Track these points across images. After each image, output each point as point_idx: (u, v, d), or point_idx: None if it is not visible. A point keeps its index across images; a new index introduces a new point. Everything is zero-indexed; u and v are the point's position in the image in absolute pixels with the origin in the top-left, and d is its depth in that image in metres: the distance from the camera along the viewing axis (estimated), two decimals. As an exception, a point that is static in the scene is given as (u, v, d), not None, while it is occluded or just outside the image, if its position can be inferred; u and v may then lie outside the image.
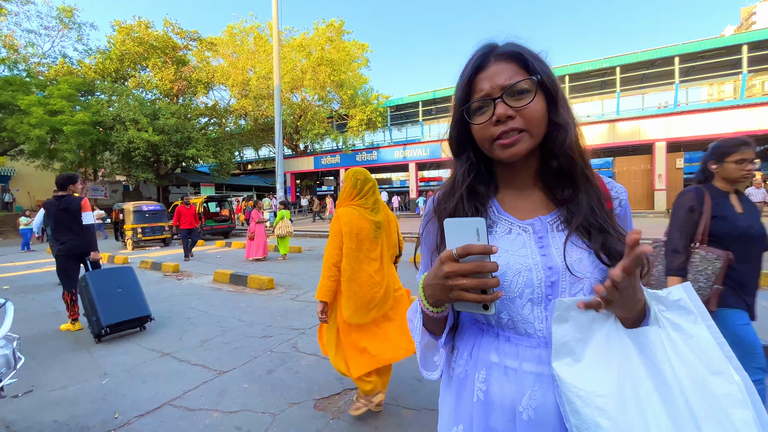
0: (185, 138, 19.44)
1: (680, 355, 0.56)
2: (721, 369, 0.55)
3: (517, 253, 0.67)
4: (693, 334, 0.57)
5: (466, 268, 0.55)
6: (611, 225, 0.66)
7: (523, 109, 0.64)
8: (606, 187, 0.72)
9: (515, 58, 0.67)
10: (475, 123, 0.67)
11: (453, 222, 0.58)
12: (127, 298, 3.89)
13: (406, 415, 2.29)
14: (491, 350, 0.69)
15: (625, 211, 0.72)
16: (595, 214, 0.66)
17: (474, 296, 0.56)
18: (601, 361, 0.58)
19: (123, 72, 21.96)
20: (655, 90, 20.17)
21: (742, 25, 50.84)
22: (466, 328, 0.75)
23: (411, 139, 24.64)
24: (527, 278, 0.65)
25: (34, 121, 15.75)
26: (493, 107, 0.64)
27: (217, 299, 5.28)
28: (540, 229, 0.69)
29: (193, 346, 3.51)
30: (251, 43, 22.30)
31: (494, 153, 0.67)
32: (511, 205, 0.73)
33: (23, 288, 6.40)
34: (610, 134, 17.56)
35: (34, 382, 2.84)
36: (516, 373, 0.66)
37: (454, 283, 0.56)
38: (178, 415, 2.34)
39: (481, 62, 0.68)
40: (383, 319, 2.22)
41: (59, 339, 3.80)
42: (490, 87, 0.65)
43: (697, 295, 0.61)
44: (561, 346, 0.60)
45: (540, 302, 0.65)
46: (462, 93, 0.69)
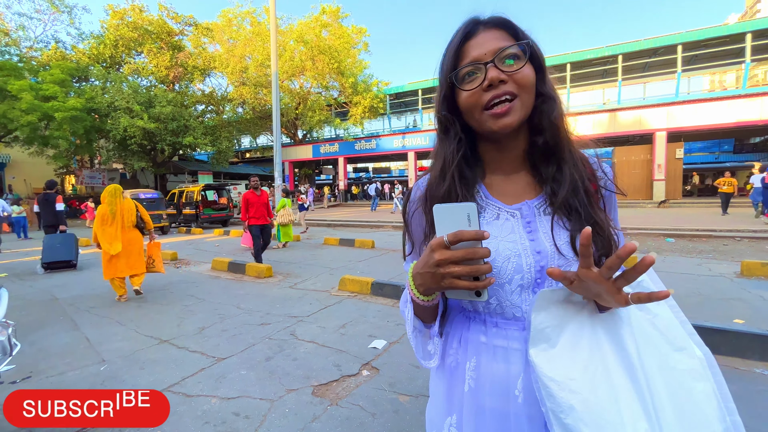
0: (182, 126, 19.21)
1: (645, 334, 0.59)
2: (683, 345, 0.60)
3: (506, 239, 0.66)
4: (657, 313, 0.62)
5: (458, 254, 0.53)
6: (591, 206, 0.65)
7: (515, 74, 0.62)
8: (591, 168, 0.71)
9: (504, 27, 0.65)
10: (465, 89, 0.64)
11: (443, 208, 0.55)
12: (62, 250, 6.61)
13: (403, 401, 2.30)
14: (479, 335, 0.68)
15: (611, 180, 0.71)
16: (577, 193, 0.65)
17: (467, 283, 0.54)
18: (574, 346, 0.59)
19: (118, 58, 21.57)
20: (657, 79, 19.97)
21: (746, 13, 50.11)
22: (454, 316, 0.74)
23: (410, 128, 24.47)
24: (517, 264, 0.64)
25: (24, 107, 15.50)
26: (485, 72, 0.62)
27: (215, 287, 5.28)
28: (528, 214, 0.68)
29: (191, 333, 3.52)
30: (248, 29, 21.90)
31: (485, 124, 0.64)
32: (498, 189, 0.71)
33: (20, 275, 6.39)
34: (610, 123, 17.44)
35: (33, 368, 2.85)
36: (506, 351, 0.65)
37: (445, 271, 0.54)
38: (176, 401, 2.34)
39: (470, 30, 0.66)
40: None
41: (57, 325, 3.80)
42: (481, 52, 0.63)
43: (657, 276, 0.64)
44: (538, 333, 0.60)
45: (529, 287, 0.65)
46: (450, 61, 0.66)
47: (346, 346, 3.12)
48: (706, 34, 15.99)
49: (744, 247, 7.07)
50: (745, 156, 23.07)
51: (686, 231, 8.50)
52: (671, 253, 6.67)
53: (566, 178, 0.66)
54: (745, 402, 2.18)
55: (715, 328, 2.80)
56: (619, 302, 0.52)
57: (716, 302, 3.87)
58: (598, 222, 0.63)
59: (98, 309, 4.33)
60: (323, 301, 4.41)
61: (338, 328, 3.53)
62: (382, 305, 4.21)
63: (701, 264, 5.62)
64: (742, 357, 2.67)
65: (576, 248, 0.62)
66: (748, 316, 3.42)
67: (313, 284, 5.21)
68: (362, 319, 3.76)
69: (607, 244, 0.63)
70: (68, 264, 6.66)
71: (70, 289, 5.28)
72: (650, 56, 17.95)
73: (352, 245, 8.43)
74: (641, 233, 8.71)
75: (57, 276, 6.23)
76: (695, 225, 9.11)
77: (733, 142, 24.03)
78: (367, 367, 2.75)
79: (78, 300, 4.73)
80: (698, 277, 4.83)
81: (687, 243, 7.64)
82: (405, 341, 3.18)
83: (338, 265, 6.43)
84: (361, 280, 4.73)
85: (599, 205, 0.68)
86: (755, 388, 2.33)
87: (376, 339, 3.22)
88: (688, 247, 7.14)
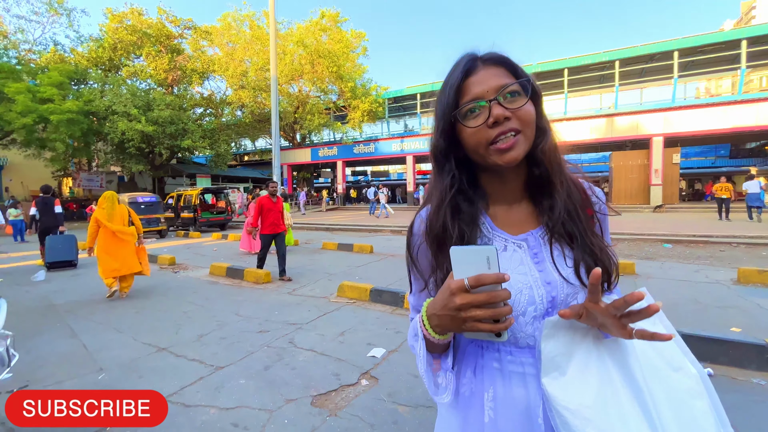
0: (180, 129, 19.20)
1: (648, 357, 0.62)
2: (680, 365, 0.63)
3: (516, 271, 0.67)
4: None
5: (480, 298, 0.53)
6: (587, 234, 0.67)
7: (518, 110, 0.63)
8: (587, 193, 0.73)
9: (502, 64, 0.67)
10: (469, 126, 0.65)
11: (461, 250, 0.55)
12: (63, 251, 7.22)
13: (402, 412, 2.30)
14: (493, 362, 0.69)
15: (603, 203, 0.74)
16: (575, 221, 0.67)
17: (489, 326, 0.55)
18: (583, 372, 0.60)
19: (116, 61, 21.58)
20: (654, 84, 20.12)
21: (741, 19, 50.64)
22: (466, 346, 0.74)
23: (409, 132, 24.53)
24: (530, 296, 0.65)
25: (20, 109, 15.47)
26: (489, 110, 0.63)
27: (213, 293, 5.27)
28: (534, 245, 0.69)
29: (189, 340, 3.51)
30: (247, 33, 21.96)
31: (490, 158, 0.65)
32: (502, 220, 0.72)
33: (17, 280, 6.36)
34: (608, 128, 17.56)
35: (30, 377, 2.83)
36: (522, 377, 0.66)
37: (467, 315, 0.54)
38: (175, 411, 2.34)
39: (470, 66, 0.67)
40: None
41: (54, 332, 3.78)
42: (483, 89, 0.64)
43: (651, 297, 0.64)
44: (549, 362, 0.61)
45: (541, 316, 0.66)
46: (451, 98, 0.66)
47: (345, 354, 3.12)
48: (702, 40, 16.17)
49: (740, 253, 7.11)
50: (742, 161, 23.25)
51: (683, 237, 8.55)
52: (669, 258, 6.70)
53: (563, 207, 0.68)
54: (743, 412, 2.19)
55: (713, 337, 2.81)
56: (623, 335, 0.55)
57: (713, 310, 3.89)
58: (596, 249, 0.66)
59: (95, 315, 4.31)
60: (322, 307, 4.41)
61: (337, 336, 3.52)
62: (380, 312, 4.21)
63: (698, 270, 5.65)
64: (740, 367, 2.68)
65: (580, 275, 0.65)
66: (744, 324, 3.44)
67: (311, 290, 5.21)
68: (361, 327, 3.76)
69: (605, 268, 0.66)
70: (70, 263, 7.28)
71: (67, 295, 5.26)
72: (647, 62, 18.12)
73: (351, 250, 8.43)
74: (639, 239, 8.75)
75: (54, 281, 6.20)
76: (692, 231, 9.16)
77: (729, 147, 24.22)
78: (366, 376, 2.75)
79: (75, 306, 4.71)
80: (696, 284, 4.86)
81: (684, 249, 7.68)
82: (403, 350, 3.18)
83: (337, 270, 6.43)
84: (360, 287, 4.74)
85: (596, 229, 0.71)
86: (752, 398, 2.35)
87: (375, 347, 3.22)
88: (686, 253, 7.18)
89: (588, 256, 0.66)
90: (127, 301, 4.87)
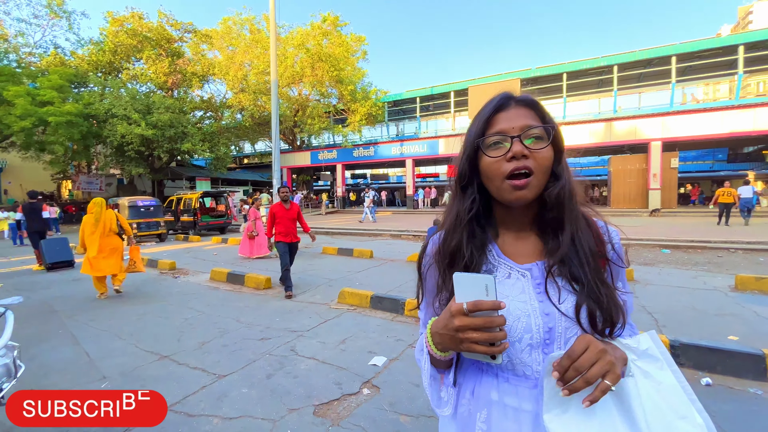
0: (180, 132, 19.23)
1: (652, 402, 0.61)
2: (686, 413, 0.62)
3: (517, 299, 0.70)
4: (661, 381, 0.64)
5: (476, 322, 0.59)
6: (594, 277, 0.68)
7: (536, 153, 0.68)
8: (601, 233, 0.75)
9: (532, 107, 0.72)
10: (489, 156, 0.70)
11: (463, 276, 0.61)
12: (60, 252, 7.75)
13: (404, 421, 2.33)
14: (491, 389, 0.72)
15: (619, 253, 0.75)
16: (581, 264, 0.69)
17: (483, 348, 0.60)
18: (586, 413, 0.62)
19: (117, 64, 21.64)
20: (652, 89, 20.26)
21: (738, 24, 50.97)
22: (467, 367, 0.78)
23: (408, 135, 24.61)
24: (526, 324, 0.68)
25: (19, 112, 15.50)
26: (510, 144, 0.68)
27: (214, 299, 5.29)
28: (538, 275, 0.72)
29: (191, 348, 3.53)
30: (247, 37, 22.04)
31: (502, 193, 0.69)
32: (509, 249, 0.76)
33: (17, 285, 6.37)
34: (606, 133, 17.65)
35: (34, 385, 2.85)
36: (516, 412, 0.69)
37: (464, 336, 0.60)
38: (178, 421, 2.36)
39: (503, 103, 0.73)
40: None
41: (57, 339, 3.80)
42: (509, 126, 0.69)
43: (660, 342, 0.67)
44: (550, 399, 0.63)
45: (538, 346, 0.69)
46: (479, 128, 0.72)
47: (346, 362, 3.15)
48: (700, 45, 16.28)
49: (738, 258, 7.16)
50: (739, 165, 23.36)
51: (682, 242, 8.60)
52: (667, 264, 6.75)
53: (569, 250, 0.70)
54: (739, 422, 2.22)
55: (710, 347, 2.85)
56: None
57: (711, 318, 3.93)
58: (602, 296, 0.67)
59: (97, 322, 4.33)
60: (323, 314, 4.43)
61: (338, 344, 3.55)
62: (381, 319, 4.24)
63: (696, 277, 5.69)
64: (737, 376, 2.71)
65: (579, 317, 0.67)
66: (742, 332, 3.48)
67: (312, 296, 5.23)
68: (362, 334, 3.78)
69: (608, 315, 0.67)
70: (69, 263, 7.83)
71: (68, 301, 5.28)
72: (645, 67, 18.25)
73: (351, 255, 8.45)
74: (638, 244, 8.80)
75: (54, 287, 6.21)
76: (691, 236, 9.21)
77: (727, 152, 24.34)
78: (368, 385, 2.78)
79: (77, 312, 4.72)
80: (693, 291, 4.90)
81: (683, 254, 7.73)
82: (404, 358, 3.21)
83: (337, 276, 6.45)
84: (361, 293, 4.76)
85: (604, 271, 0.72)
86: (749, 408, 2.38)
87: (376, 356, 3.25)
88: (684, 259, 7.22)
89: (593, 301, 0.67)
90: (128, 307, 4.89)
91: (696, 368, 2.84)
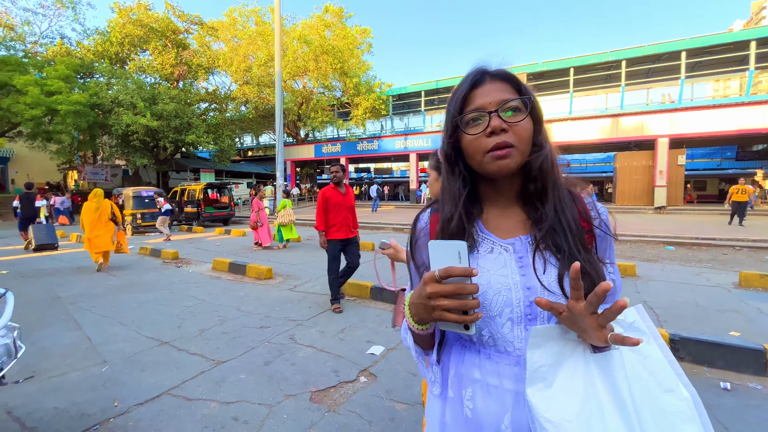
0: (184, 123, 19.27)
1: (637, 376, 0.61)
2: (672, 387, 0.61)
3: (498, 273, 0.69)
4: (647, 354, 0.63)
5: (447, 289, 0.57)
6: (578, 247, 0.67)
7: (515, 125, 0.67)
8: (587, 207, 0.74)
9: (508, 80, 0.71)
10: (469, 134, 0.69)
11: (436, 244, 0.59)
12: (47, 236, 8.88)
13: (399, 409, 2.34)
14: (474, 367, 0.71)
15: (607, 225, 0.73)
16: (565, 235, 0.68)
17: (455, 317, 0.58)
18: (569, 386, 0.61)
19: (123, 55, 21.66)
20: (660, 85, 19.97)
21: (751, 19, 50.01)
22: (452, 344, 0.77)
23: (413, 129, 24.49)
24: (507, 297, 0.67)
25: (30, 101, 15.59)
26: (488, 120, 0.67)
27: (216, 288, 5.32)
28: (520, 249, 0.71)
29: (191, 335, 3.56)
30: (252, 29, 21.94)
31: (485, 166, 0.68)
32: (494, 224, 0.75)
33: (23, 272, 6.44)
34: (613, 129, 17.45)
35: (35, 368, 2.89)
36: (498, 390, 0.68)
37: (435, 304, 0.58)
38: (176, 405, 2.38)
39: (478, 79, 0.71)
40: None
41: (59, 324, 3.84)
42: (486, 101, 0.68)
43: (648, 316, 0.65)
44: (534, 372, 0.62)
45: (520, 321, 0.67)
46: (457, 106, 0.71)
47: (344, 351, 3.16)
48: (711, 40, 16.00)
49: (743, 256, 7.08)
50: (748, 163, 23.05)
51: (686, 239, 8.52)
52: (670, 261, 6.69)
53: (553, 220, 0.69)
54: (738, 417, 2.21)
55: (711, 341, 2.82)
56: (600, 339, 0.56)
57: (713, 313, 3.90)
58: (584, 263, 0.65)
59: (99, 308, 4.37)
60: (323, 304, 4.44)
61: (337, 333, 3.56)
62: (380, 310, 4.25)
63: (700, 273, 5.64)
64: (737, 371, 2.69)
65: (563, 287, 0.65)
66: (744, 328, 3.45)
67: (312, 287, 5.25)
68: (361, 324, 3.79)
69: (592, 283, 0.64)
70: (53, 246, 8.95)
71: (72, 288, 5.33)
72: (654, 62, 17.97)
73: (353, 247, 8.46)
74: (641, 240, 8.73)
75: (58, 274, 6.28)
76: (695, 233, 9.13)
77: (735, 149, 24.00)
78: (365, 373, 2.79)
79: (79, 299, 4.77)
80: (696, 287, 4.85)
81: (687, 251, 7.66)
82: (402, 348, 3.21)
83: (338, 267, 6.46)
84: (361, 284, 4.77)
85: (590, 245, 0.71)
86: (748, 402, 2.36)
87: (375, 345, 3.25)
88: (688, 256, 7.16)
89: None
90: (130, 295, 4.93)
91: (695, 362, 2.82)
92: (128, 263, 7.25)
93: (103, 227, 6.44)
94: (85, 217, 6.42)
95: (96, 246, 6.37)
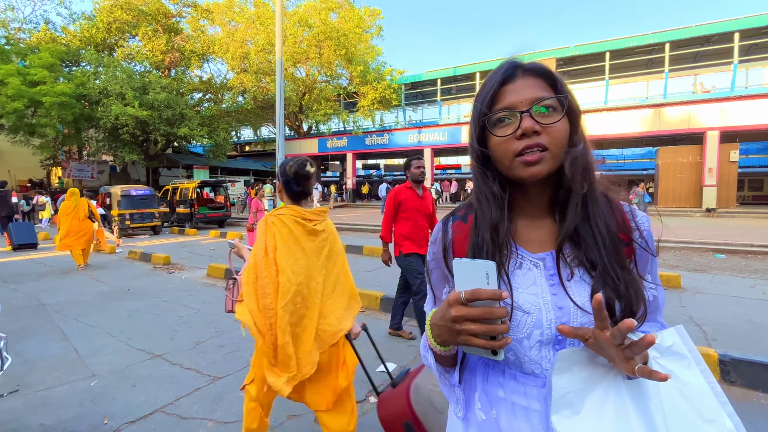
0: (177, 115, 19.62)
1: (674, 404, 0.60)
2: (713, 417, 0.60)
3: (527, 291, 0.70)
4: (687, 381, 0.62)
5: (474, 313, 0.58)
6: (614, 264, 0.67)
7: (549, 127, 0.66)
8: (627, 217, 0.73)
9: (543, 76, 0.70)
10: (497, 135, 0.69)
11: (462, 263, 0.60)
12: (26, 235, 9.65)
13: None
14: (498, 387, 0.73)
15: (648, 240, 0.73)
16: (599, 249, 0.67)
17: (482, 342, 0.59)
18: (598, 414, 0.61)
19: (110, 41, 22.17)
20: (710, 71, 19.56)
21: (817, -6, 48.61)
22: (475, 362, 0.79)
23: (427, 121, 24.42)
24: (537, 318, 0.68)
25: (11, 93, 16.06)
26: (519, 120, 0.66)
27: (211, 296, 5.41)
28: (551, 266, 0.71)
29: (185, 347, 3.63)
30: (251, 11, 22.20)
31: (513, 171, 0.68)
32: (522, 236, 0.75)
33: (3, 276, 6.65)
34: (654, 120, 17.17)
35: (20, 380, 2.99)
36: (526, 411, 0.69)
37: (461, 328, 0.59)
38: (170, 423, 2.45)
39: (509, 74, 0.70)
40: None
41: (44, 334, 3.97)
42: (517, 99, 0.67)
43: (689, 338, 0.65)
44: (560, 399, 0.62)
45: (549, 343, 0.68)
46: (485, 104, 0.70)
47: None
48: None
49: (806, 266, 6.91)
50: (812, 159, 22.45)
51: (740, 246, 8.34)
52: (721, 271, 6.57)
53: (588, 233, 0.69)
54: (797, 449, 2.17)
55: (766, 363, 2.78)
56: (627, 370, 0.57)
57: (770, 332, 3.82)
58: (620, 282, 0.66)
59: (86, 317, 4.50)
60: (328, 316, 4.48)
61: (344, 348, 3.59)
62: (392, 323, 4.27)
63: (755, 286, 5.53)
64: (797, 397, 2.64)
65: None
66: (806, 349, 3.37)
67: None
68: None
69: (629, 304, 0.66)
70: (33, 245, 9.69)
71: (57, 295, 5.49)
72: (702, 44, 17.65)
73: (361, 253, 8.51)
74: (687, 247, 8.58)
75: (43, 280, 6.47)
76: (750, 240, 8.93)
77: (797, 144, 23.41)
78: (374, 393, 2.81)
79: (65, 306, 4.91)
80: (750, 302, 4.76)
81: (740, 260, 7.50)
82: (415, 365, 3.22)
83: (344, 275, 6.50)
84: (370, 294, 4.80)
85: (628, 259, 0.70)
86: (810, 433, 2.32)
87: (386, 362, 3.27)
88: (741, 265, 7.01)
89: (610, 289, 0.65)
90: (120, 303, 5.05)
91: (748, 387, 2.77)
92: (116, 268, 7.42)
93: (78, 226, 7.20)
94: (62, 217, 7.16)
95: (67, 245, 7.15)
